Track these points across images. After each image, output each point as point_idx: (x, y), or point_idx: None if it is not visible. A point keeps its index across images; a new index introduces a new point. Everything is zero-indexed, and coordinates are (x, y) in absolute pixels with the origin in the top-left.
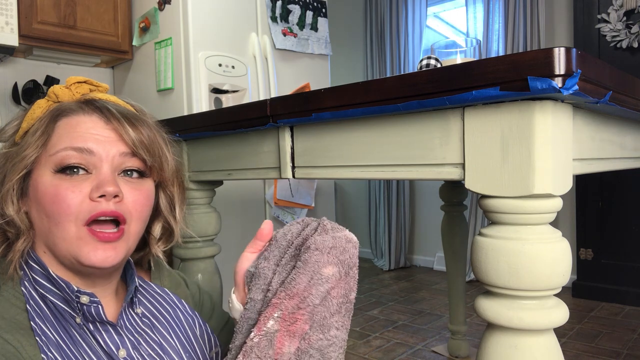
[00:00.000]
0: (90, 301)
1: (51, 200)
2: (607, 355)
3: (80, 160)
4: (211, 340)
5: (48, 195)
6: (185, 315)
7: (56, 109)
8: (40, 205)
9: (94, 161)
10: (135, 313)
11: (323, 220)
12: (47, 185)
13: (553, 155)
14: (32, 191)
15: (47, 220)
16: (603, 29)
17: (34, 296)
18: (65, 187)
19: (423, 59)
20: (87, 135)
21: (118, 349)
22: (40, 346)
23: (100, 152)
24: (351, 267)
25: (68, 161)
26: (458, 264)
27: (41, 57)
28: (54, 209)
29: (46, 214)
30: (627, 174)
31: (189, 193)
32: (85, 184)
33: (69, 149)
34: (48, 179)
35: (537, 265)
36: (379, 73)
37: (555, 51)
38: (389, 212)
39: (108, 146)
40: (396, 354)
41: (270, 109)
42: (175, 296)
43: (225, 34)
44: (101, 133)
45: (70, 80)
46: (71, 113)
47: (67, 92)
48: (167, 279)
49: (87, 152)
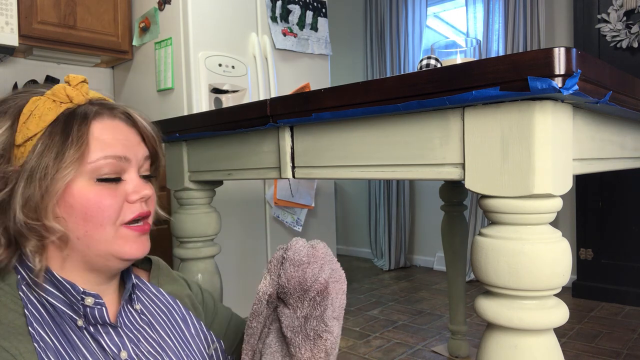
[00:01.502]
0: (95, 303)
1: (95, 207)
2: (607, 355)
3: (116, 169)
4: (207, 338)
5: (90, 202)
6: (180, 315)
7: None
8: (78, 211)
9: (125, 167)
10: (134, 309)
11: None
12: (87, 193)
13: (553, 155)
14: (68, 198)
15: (84, 224)
16: (603, 29)
17: (32, 300)
18: (106, 194)
19: (423, 59)
20: (119, 141)
21: (120, 351)
22: (39, 352)
23: (131, 158)
24: (316, 290)
25: (108, 170)
26: (458, 264)
27: (41, 57)
28: (97, 214)
29: (85, 219)
30: (627, 174)
31: (189, 193)
32: (120, 189)
33: (109, 158)
34: (88, 187)
35: (537, 265)
36: (379, 73)
37: (555, 51)
38: (389, 212)
39: (135, 150)
40: (396, 354)
41: (270, 109)
42: (169, 296)
43: (225, 34)
44: (128, 137)
45: (75, 79)
46: (98, 117)
47: (78, 93)
48: (165, 277)
49: (124, 160)
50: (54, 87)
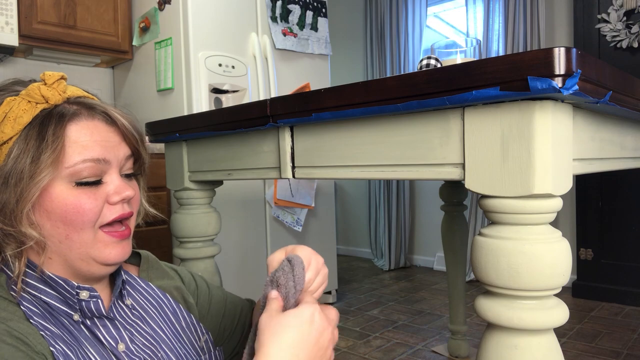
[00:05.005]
0: (90, 296)
1: (74, 211)
2: (607, 355)
3: (97, 172)
4: (197, 330)
5: (70, 206)
6: (170, 308)
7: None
8: (57, 216)
9: (105, 169)
10: (125, 305)
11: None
12: (66, 197)
13: (553, 155)
14: (46, 203)
15: (65, 228)
16: (603, 29)
17: (25, 298)
18: (86, 197)
19: (423, 59)
20: (98, 143)
21: (117, 343)
22: (47, 339)
23: (111, 159)
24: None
25: (87, 174)
26: (458, 264)
27: (41, 57)
28: (77, 217)
29: (64, 223)
30: (627, 174)
31: (189, 193)
32: (100, 191)
33: (88, 162)
34: (67, 191)
35: (537, 265)
36: (379, 73)
37: (555, 51)
38: (389, 212)
39: (115, 151)
40: (396, 354)
41: (270, 109)
42: (159, 290)
43: (225, 34)
44: (107, 138)
45: (51, 77)
46: (75, 119)
47: (54, 92)
48: (154, 271)
49: (103, 162)
50: (29, 87)
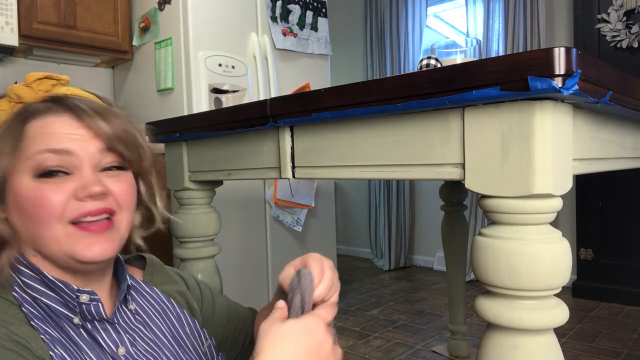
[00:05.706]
0: (91, 299)
1: (34, 203)
2: (607, 355)
3: (59, 162)
4: (201, 335)
5: (31, 199)
6: (174, 314)
7: (22, 111)
8: (22, 210)
9: (73, 162)
10: (129, 310)
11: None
12: (28, 190)
13: (553, 155)
14: (11, 197)
15: (32, 224)
16: (603, 29)
17: (27, 299)
18: (47, 188)
19: (423, 59)
20: (61, 135)
21: (117, 347)
22: (47, 343)
23: (78, 152)
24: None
25: (47, 164)
26: (458, 264)
27: (41, 57)
28: (38, 211)
29: (30, 218)
30: (627, 174)
31: (189, 193)
32: (67, 184)
33: (46, 152)
34: (29, 184)
35: (537, 265)
36: (379, 73)
37: (555, 51)
38: (389, 212)
39: (85, 144)
40: (396, 354)
41: (270, 109)
42: (164, 295)
43: (225, 34)
44: (75, 132)
45: (31, 77)
46: (40, 114)
47: (30, 91)
48: (159, 276)
49: (65, 153)
50: (9, 88)
